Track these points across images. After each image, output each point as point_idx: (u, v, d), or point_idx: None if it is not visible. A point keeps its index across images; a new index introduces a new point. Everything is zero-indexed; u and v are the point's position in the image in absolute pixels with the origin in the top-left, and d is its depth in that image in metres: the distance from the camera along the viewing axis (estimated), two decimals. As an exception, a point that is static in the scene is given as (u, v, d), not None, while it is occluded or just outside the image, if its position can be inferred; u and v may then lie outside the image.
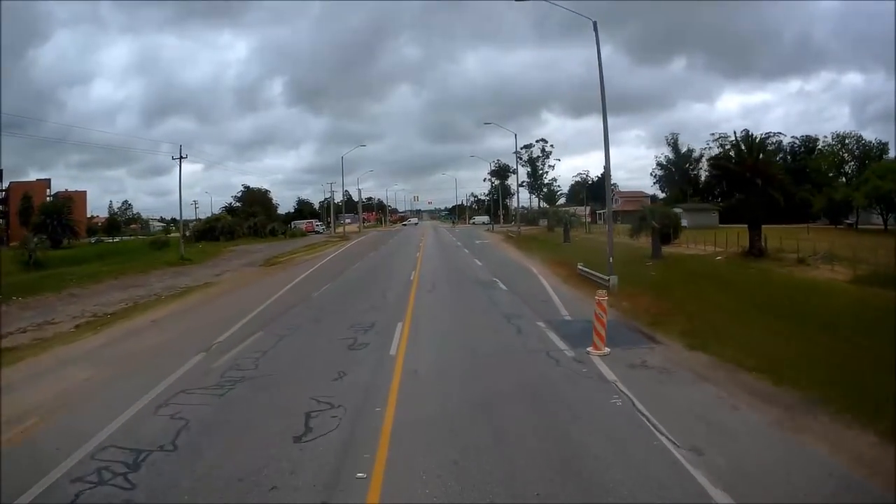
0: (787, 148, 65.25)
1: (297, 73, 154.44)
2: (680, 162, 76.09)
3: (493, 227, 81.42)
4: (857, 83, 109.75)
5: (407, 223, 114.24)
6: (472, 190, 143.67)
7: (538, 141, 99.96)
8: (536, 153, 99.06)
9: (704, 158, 65.43)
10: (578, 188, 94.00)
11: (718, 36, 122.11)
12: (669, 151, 77.55)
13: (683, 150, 75.82)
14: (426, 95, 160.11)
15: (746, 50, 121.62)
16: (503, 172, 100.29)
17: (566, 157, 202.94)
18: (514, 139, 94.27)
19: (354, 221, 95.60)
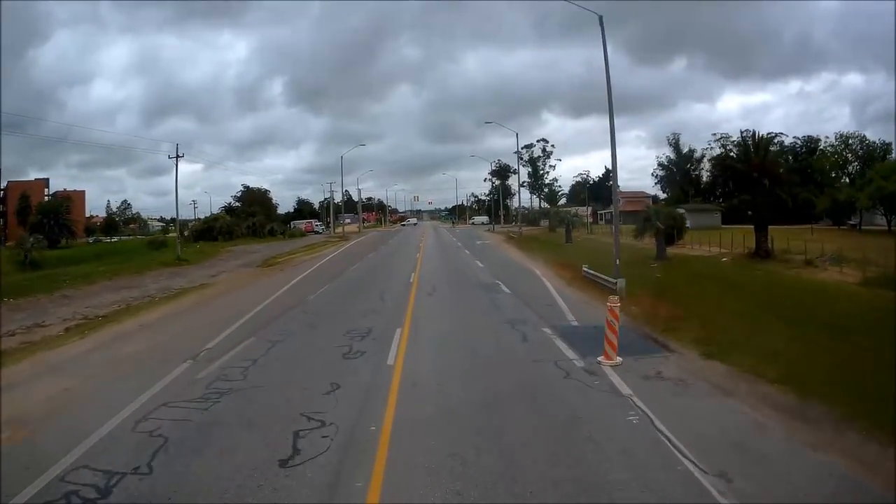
0: (789, 148, 64.72)
1: (297, 73, 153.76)
2: (681, 162, 75.40)
3: (493, 227, 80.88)
4: (857, 84, 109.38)
5: (406, 223, 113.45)
6: (472, 190, 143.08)
7: (539, 141, 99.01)
8: (537, 153, 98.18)
9: (706, 159, 64.91)
10: (579, 188, 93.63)
11: (719, 36, 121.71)
12: (671, 151, 76.91)
13: (685, 150, 75.33)
14: (426, 95, 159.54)
15: (747, 50, 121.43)
16: (504, 172, 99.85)
17: (566, 157, 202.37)
18: (514, 139, 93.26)
19: (354, 221, 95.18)
